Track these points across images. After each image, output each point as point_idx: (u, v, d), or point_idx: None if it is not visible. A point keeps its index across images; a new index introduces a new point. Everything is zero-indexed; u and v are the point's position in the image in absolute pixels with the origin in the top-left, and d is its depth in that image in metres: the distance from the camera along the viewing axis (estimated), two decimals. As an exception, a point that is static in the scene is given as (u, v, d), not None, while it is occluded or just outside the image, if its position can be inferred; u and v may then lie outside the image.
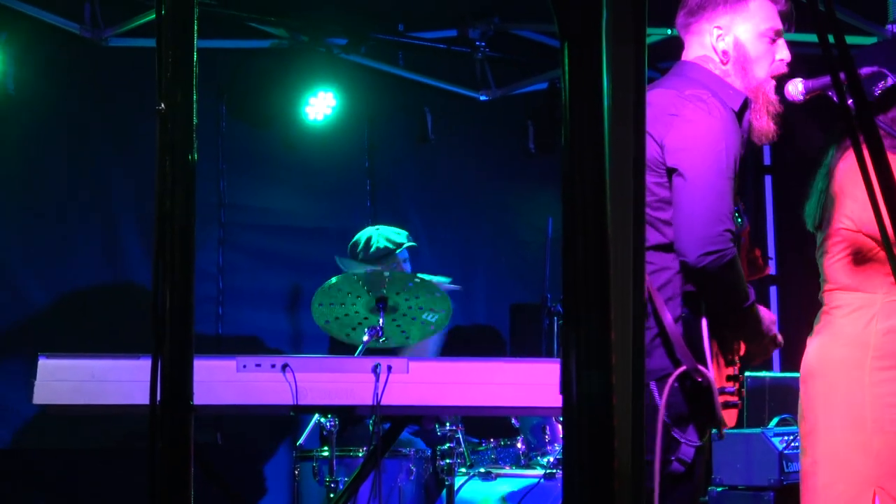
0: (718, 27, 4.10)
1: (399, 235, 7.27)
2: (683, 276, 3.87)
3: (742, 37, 4.09)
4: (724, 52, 4.09)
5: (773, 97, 4.11)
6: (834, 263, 4.31)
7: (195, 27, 2.19)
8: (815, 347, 4.31)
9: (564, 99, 1.66)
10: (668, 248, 3.89)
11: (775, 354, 8.08)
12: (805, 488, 4.31)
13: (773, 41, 4.11)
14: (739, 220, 4.17)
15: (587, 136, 1.66)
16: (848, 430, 4.15)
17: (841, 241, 4.29)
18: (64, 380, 4.17)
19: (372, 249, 7.21)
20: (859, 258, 4.23)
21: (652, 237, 3.90)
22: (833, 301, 4.31)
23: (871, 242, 4.20)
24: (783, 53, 4.13)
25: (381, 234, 7.24)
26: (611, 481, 1.64)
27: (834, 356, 4.23)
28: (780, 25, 4.13)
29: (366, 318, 6.37)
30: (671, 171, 3.86)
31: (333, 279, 6.19)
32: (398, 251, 7.23)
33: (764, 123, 4.11)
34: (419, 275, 6.46)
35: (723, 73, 4.08)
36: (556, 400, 3.24)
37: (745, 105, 4.05)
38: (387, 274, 6.23)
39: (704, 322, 3.86)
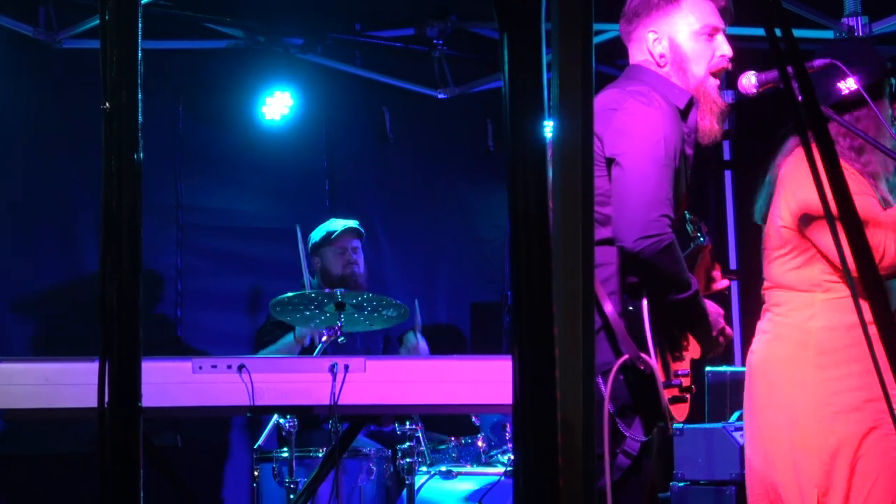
0: (654, 31, 4.14)
1: (334, 224, 7.34)
2: (624, 267, 3.89)
3: (677, 38, 4.12)
4: (661, 56, 4.13)
5: (716, 96, 4.14)
6: (773, 262, 4.33)
7: (139, 27, 2.18)
8: (758, 346, 4.33)
9: (505, 91, 1.65)
10: (611, 242, 3.91)
11: (737, 350, 8.12)
12: (750, 483, 4.32)
13: (711, 38, 4.13)
14: (702, 239, 4.19)
15: (528, 127, 1.65)
16: (790, 428, 4.16)
17: (779, 239, 4.30)
18: (18, 384, 4.14)
19: (311, 242, 7.29)
20: (797, 256, 4.24)
21: (595, 233, 3.91)
22: (772, 299, 4.33)
23: (807, 242, 4.21)
24: (723, 49, 4.14)
25: (321, 227, 7.34)
26: (555, 477, 1.63)
27: (776, 355, 4.24)
28: (716, 22, 4.15)
29: (325, 317, 6.37)
30: (610, 161, 3.88)
31: (288, 294, 6.18)
32: (333, 235, 7.27)
33: (708, 123, 4.13)
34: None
35: (665, 75, 4.10)
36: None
37: (691, 103, 4.07)
38: (339, 292, 6.22)
39: (646, 312, 3.86)
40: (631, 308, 3.89)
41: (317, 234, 7.40)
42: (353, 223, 7.40)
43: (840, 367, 4.09)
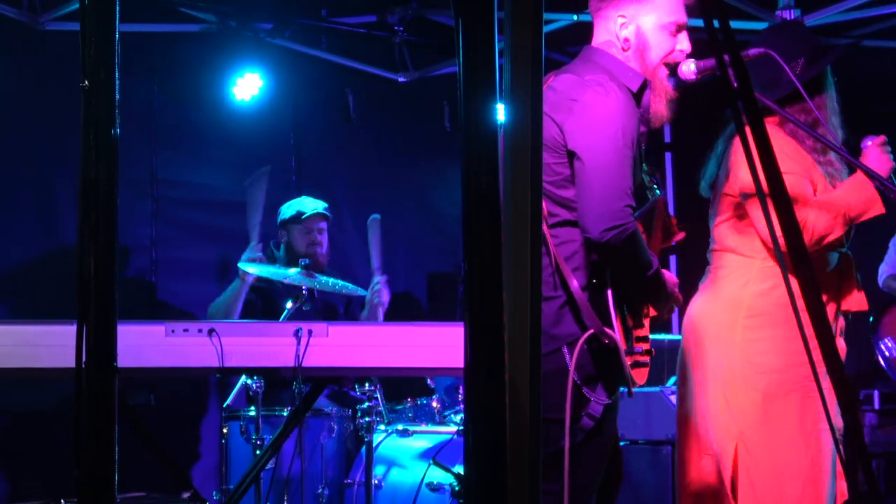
0: (623, 15, 4.10)
1: (305, 205, 7.32)
2: (587, 248, 3.89)
3: (644, 27, 4.09)
4: (626, 40, 4.10)
5: (668, 84, 4.13)
6: (719, 225, 4.36)
7: (117, 11, 2.17)
8: (696, 305, 4.36)
9: (459, 75, 1.66)
10: (573, 223, 3.90)
11: (674, 318, 8.16)
12: (680, 437, 4.35)
13: (675, 34, 4.12)
14: (658, 191, 4.19)
15: (480, 109, 1.66)
16: (718, 385, 4.20)
17: (727, 206, 4.33)
18: (4, 344, 4.12)
19: (281, 216, 7.29)
20: (741, 223, 4.27)
21: (559, 214, 3.91)
22: (716, 261, 4.36)
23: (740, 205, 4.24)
24: (683, 45, 4.13)
25: (303, 198, 7.32)
26: (503, 434, 1.64)
27: (711, 315, 4.27)
28: (683, 19, 4.13)
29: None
30: (572, 154, 3.86)
31: (257, 264, 6.18)
32: (303, 216, 7.27)
33: (659, 108, 4.12)
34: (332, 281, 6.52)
35: (624, 59, 4.09)
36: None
37: (644, 85, 4.06)
38: (305, 290, 6.24)
39: (609, 289, 3.87)
40: (595, 282, 3.90)
41: (287, 211, 7.38)
42: (321, 207, 7.38)
43: (766, 329, 4.12)
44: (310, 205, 7.37)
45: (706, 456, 4.22)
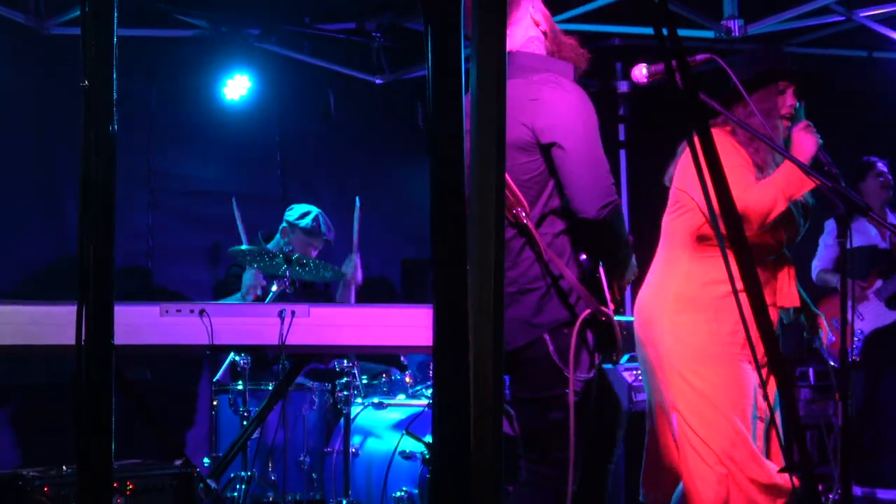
0: (532, 6, 4.02)
1: (324, 225, 7.27)
2: (573, 235, 3.82)
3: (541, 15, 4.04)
4: (539, 24, 4.02)
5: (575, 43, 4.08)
6: (665, 218, 4.38)
7: (115, 16, 2.16)
8: (642, 292, 4.38)
9: (429, 77, 1.65)
10: (554, 212, 3.82)
11: (627, 301, 8.17)
12: (648, 410, 4.38)
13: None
14: None
15: (447, 109, 1.65)
16: (655, 362, 4.23)
17: (674, 202, 4.35)
18: (6, 324, 4.10)
19: (298, 218, 7.20)
20: (682, 216, 4.28)
21: (539, 206, 3.82)
22: (660, 252, 4.38)
23: (692, 202, 4.25)
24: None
25: (321, 216, 7.24)
26: (467, 407, 1.64)
27: (649, 300, 4.30)
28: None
29: (274, 265, 6.35)
30: (548, 147, 3.76)
31: (244, 247, 6.15)
32: (323, 235, 7.22)
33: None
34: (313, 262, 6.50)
35: (548, 51, 4.00)
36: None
37: (576, 72, 3.99)
38: (287, 275, 6.21)
39: (602, 270, 3.83)
40: (587, 266, 3.84)
41: (306, 221, 7.26)
42: (330, 236, 7.32)
43: (691, 313, 4.14)
44: (326, 227, 7.29)
45: (663, 424, 4.25)
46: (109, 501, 2.12)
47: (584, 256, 3.83)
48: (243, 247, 6.13)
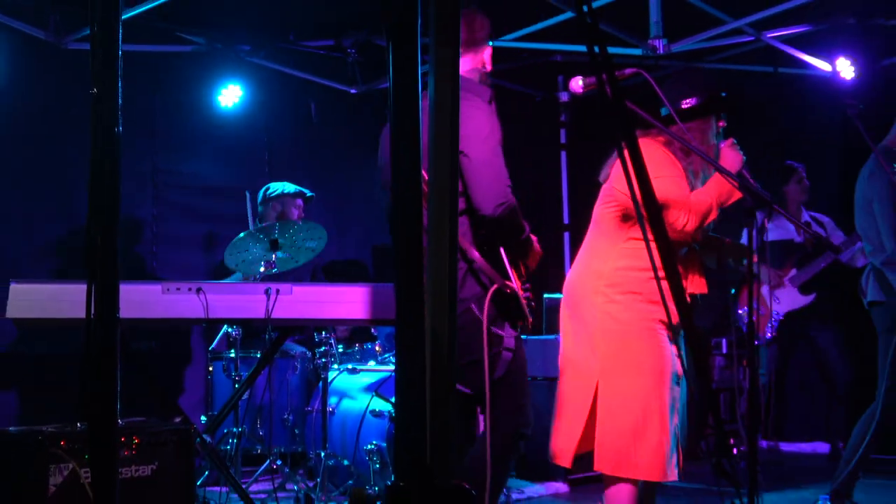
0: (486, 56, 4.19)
1: (291, 187, 7.22)
2: (476, 226, 3.91)
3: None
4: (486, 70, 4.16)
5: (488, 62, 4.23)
6: (597, 209, 4.37)
7: (119, 33, 2.15)
8: (573, 273, 4.36)
9: (390, 87, 1.65)
10: (462, 211, 3.92)
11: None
12: (560, 374, 4.35)
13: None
14: None
15: (405, 115, 1.65)
16: (581, 336, 4.21)
17: (606, 196, 4.34)
18: (27, 300, 4.07)
19: (270, 191, 7.17)
20: (614, 209, 4.28)
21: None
22: (590, 239, 4.36)
23: (622, 198, 4.25)
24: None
25: (280, 184, 7.20)
26: (423, 371, 1.64)
27: (581, 282, 4.28)
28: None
29: (263, 257, 6.31)
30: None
31: (241, 234, 6.10)
32: (290, 192, 7.17)
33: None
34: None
35: (470, 73, 4.11)
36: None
37: (492, 96, 4.05)
38: (276, 226, 6.15)
39: (503, 252, 3.92)
40: (487, 250, 3.93)
41: (270, 191, 7.19)
42: (296, 188, 7.27)
43: (621, 294, 4.14)
44: (288, 188, 7.25)
45: (575, 388, 4.22)
46: (116, 454, 2.11)
47: (480, 245, 3.92)
48: (241, 234, 6.08)
